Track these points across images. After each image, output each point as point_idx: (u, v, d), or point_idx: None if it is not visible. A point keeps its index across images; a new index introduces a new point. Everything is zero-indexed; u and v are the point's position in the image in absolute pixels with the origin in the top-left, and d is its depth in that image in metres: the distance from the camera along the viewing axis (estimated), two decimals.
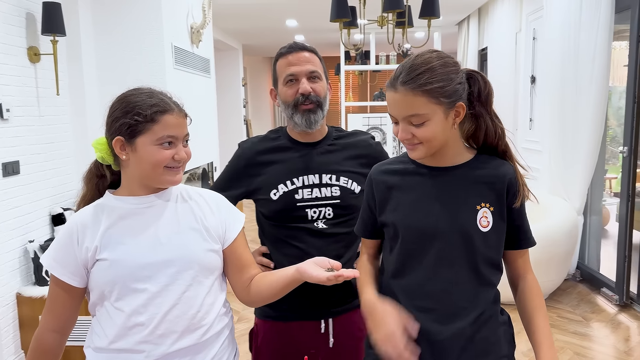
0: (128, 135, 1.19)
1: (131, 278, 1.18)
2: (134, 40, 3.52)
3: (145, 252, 1.20)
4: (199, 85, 4.34)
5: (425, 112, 1.13)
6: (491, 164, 1.24)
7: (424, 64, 1.13)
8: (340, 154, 1.57)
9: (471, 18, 6.73)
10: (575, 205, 3.89)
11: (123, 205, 1.24)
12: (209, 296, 1.25)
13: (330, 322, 1.54)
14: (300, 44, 1.53)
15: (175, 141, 1.21)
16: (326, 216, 1.52)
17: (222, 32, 7.29)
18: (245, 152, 1.58)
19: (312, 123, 1.50)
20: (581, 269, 4.13)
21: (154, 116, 1.18)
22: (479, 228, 1.19)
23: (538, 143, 4.68)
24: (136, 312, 1.18)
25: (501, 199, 1.21)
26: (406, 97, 1.13)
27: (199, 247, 1.24)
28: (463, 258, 1.19)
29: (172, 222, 1.24)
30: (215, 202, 1.33)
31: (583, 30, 3.69)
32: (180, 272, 1.21)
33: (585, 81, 3.69)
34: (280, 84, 1.52)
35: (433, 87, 1.12)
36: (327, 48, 9.42)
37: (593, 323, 3.37)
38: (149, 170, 1.20)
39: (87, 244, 1.20)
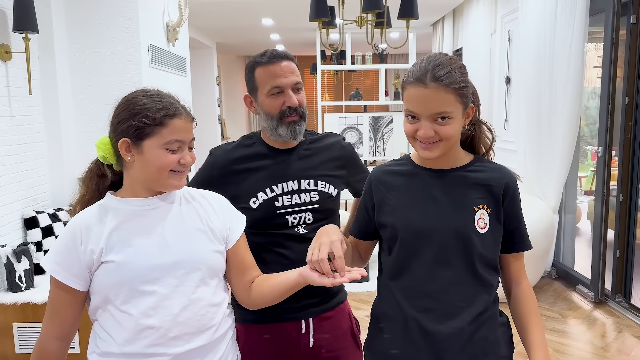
0: (135, 138, 1.18)
1: (139, 280, 1.17)
2: (108, 38, 3.43)
3: (153, 254, 1.19)
4: (175, 84, 4.26)
5: (452, 110, 1.15)
6: (489, 167, 1.26)
7: (448, 63, 1.16)
8: (316, 158, 1.57)
9: (446, 19, 6.79)
10: (550, 204, 3.95)
11: (127, 207, 1.22)
12: (216, 297, 1.26)
13: (311, 322, 1.54)
14: (281, 53, 1.48)
15: (182, 145, 1.20)
16: (306, 221, 1.52)
17: (196, 30, 7.19)
18: (219, 160, 1.55)
19: (297, 134, 1.50)
20: (557, 266, 4.22)
21: (163, 120, 1.17)
22: (476, 229, 1.20)
23: (513, 143, 4.75)
24: (145, 315, 1.17)
25: (498, 201, 1.22)
26: (438, 94, 1.13)
27: (206, 248, 1.25)
28: (461, 259, 1.20)
29: (177, 224, 1.23)
30: (219, 203, 1.33)
31: (558, 32, 3.75)
32: (188, 274, 1.20)
33: (561, 82, 3.76)
34: (262, 94, 1.49)
35: (460, 86, 1.15)
36: (302, 47, 9.39)
37: (570, 320, 3.44)
38: (154, 174, 1.19)
39: (92, 246, 1.17)
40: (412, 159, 1.30)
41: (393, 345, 1.24)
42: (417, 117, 1.17)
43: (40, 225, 3.07)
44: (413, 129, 1.18)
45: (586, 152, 6.70)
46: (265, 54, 1.48)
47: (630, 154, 3.52)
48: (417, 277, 1.21)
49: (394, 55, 9.94)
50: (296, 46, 9.31)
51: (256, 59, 1.49)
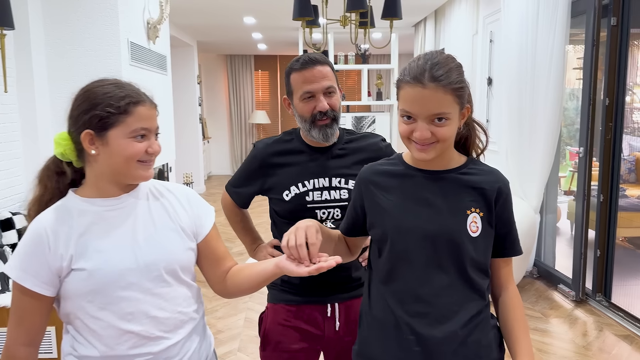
0: (99, 129, 1.13)
1: (114, 286, 1.13)
2: (87, 34, 3.36)
3: (126, 258, 1.15)
4: (156, 82, 4.19)
5: (450, 110, 1.13)
6: (482, 170, 1.24)
7: (446, 62, 1.13)
8: (350, 158, 1.63)
9: (428, 20, 6.82)
10: (532, 204, 3.98)
11: (92, 207, 1.17)
12: (189, 291, 1.26)
13: (337, 307, 1.61)
14: (314, 57, 1.55)
15: (148, 134, 1.17)
16: (334, 217, 1.59)
17: (177, 28, 7.09)
18: (260, 152, 1.64)
19: (329, 137, 1.57)
20: (538, 266, 4.25)
21: (127, 108, 1.13)
22: (468, 233, 1.17)
23: (495, 144, 4.78)
24: (124, 320, 1.14)
25: (490, 205, 1.20)
26: (437, 94, 1.10)
27: (179, 247, 1.23)
28: (453, 263, 1.18)
29: (147, 223, 1.20)
30: (186, 197, 1.30)
31: (540, 34, 3.78)
32: (163, 275, 1.19)
33: (542, 83, 3.79)
34: (296, 98, 1.57)
35: (458, 87, 1.12)
36: (284, 46, 9.33)
37: (552, 319, 3.47)
38: (121, 165, 1.14)
39: (62, 251, 1.12)
40: (404, 159, 1.28)
41: (386, 351, 1.21)
42: (413, 117, 1.14)
43: (16, 227, 2.98)
44: (409, 130, 1.14)
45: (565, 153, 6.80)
46: (299, 60, 1.56)
47: (610, 154, 3.56)
48: (409, 280, 1.19)
49: (376, 56, 9.95)
50: (279, 45, 9.25)
51: (291, 64, 1.58)
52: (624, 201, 4.60)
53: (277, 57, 10.49)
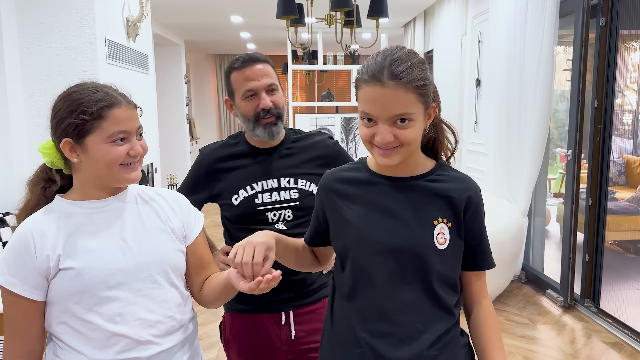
0: (76, 136, 1.12)
1: (102, 286, 1.11)
2: (62, 32, 3.24)
3: (115, 257, 1.13)
4: (136, 82, 4.08)
5: (413, 111, 1.03)
6: (451, 177, 1.14)
7: (407, 58, 1.03)
8: (298, 157, 1.60)
9: (417, 20, 6.75)
10: (520, 207, 3.91)
11: (79, 210, 1.16)
12: (182, 298, 1.23)
13: (291, 315, 1.58)
14: (254, 56, 1.52)
15: (128, 136, 1.14)
16: (286, 218, 1.57)
17: (163, 27, 6.98)
18: (205, 158, 1.62)
19: (274, 135, 1.54)
20: (526, 270, 4.18)
21: (101, 112, 1.11)
22: (435, 245, 1.08)
23: (483, 145, 4.72)
24: (112, 322, 1.12)
25: (459, 215, 1.11)
26: (397, 93, 1.00)
27: (169, 248, 1.21)
28: (417, 277, 1.09)
29: (136, 225, 1.19)
30: (176, 201, 1.29)
31: (528, 34, 3.72)
32: (153, 276, 1.17)
33: (531, 84, 3.72)
34: (238, 98, 1.54)
35: (421, 84, 1.02)
36: (273, 46, 9.24)
37: (539, 325, 3.40)
38: (104, 171, 1.13)
39: (48, 252, 1.10)
40: (367, 165, 1.18)
41: None
42: (373, 119, 1.04)
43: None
44: (369, 134, 1.05)
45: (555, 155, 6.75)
46: (239, 59, 1.53)
47: (599, 157, 3.49)
48: (372, 297, 1.10)
49: (366, 56, 9.88)
50: (267, 45, 9.15)
51: (231, 64, 1.55)
52: (613, 204, 4.53)
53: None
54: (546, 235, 5.01)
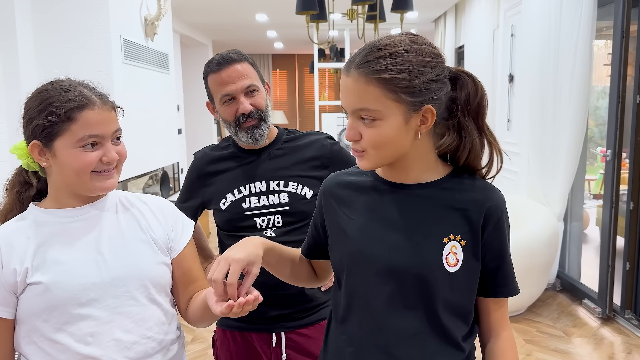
0: (45, 139, 1.03)
1: (73, 302, 1.02)
2: (77, 32, 3.20)
3: (88, 271, 1.04)
4: (155, 81, 4.03)
5: (376, 107, 0.88)
6: (469, 186, 0.96)
7: (389, 46, 0.88)
8: (289, 158, 1.49)
9: (448, 14, 6.52)
10: (555, 211, 3.68)
11: (53, 218, 1.07)
12: (164, 315, 1.12)
13: (283, 336, 1.47)
14: (228, 56, 1.42)
15: (100, 140, 1.04)
16: (275, 224, 1.46)
17: (189, 26, 6.95)
18: (197, 162, 1.55)
19: (258, 138, 1.45)
20: (561, 278, 3.93)
21: (70, 114, 1.01)
22: (444, 266, 0.92)
23: (516, 145, 4.48)
24: (83, 343, 1.02)
25: (476, 232, 0.94)
26: (357, 85, 0.88)
27: (150, 260, 1.10)
28: (420, 304, 0.93)
29: (115, 235, 1.09)
30: (160, 209, 1.18)
31: (564, 26, 3.48)
32: (130, 292, 1.06)
33: (566, 80, 3.49)
34: (217, 102, 1.45)
35: (393, 77, 0.86)
36: (301, 45, 9.13)
37: (575, 338, 3.16)
38: (73, 178, 1.04)
39: (15, 265, 1.02)
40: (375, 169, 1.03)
41: None
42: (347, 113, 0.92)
43: None
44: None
45: (596, 155, 6.42)
46: (213, 61, 1.43)
47: None
48: (366, 324, 0.96)
49: None
50: (295, 44, 9.05)
51: (206, 67, 1.45)
52: None
53: (295, 56, 10.32)
54: (584, 240, 4.72)
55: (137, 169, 3.73)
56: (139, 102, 3.68)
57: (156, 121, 4.07)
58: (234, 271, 0.92)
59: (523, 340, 3.12)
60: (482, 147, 0.96)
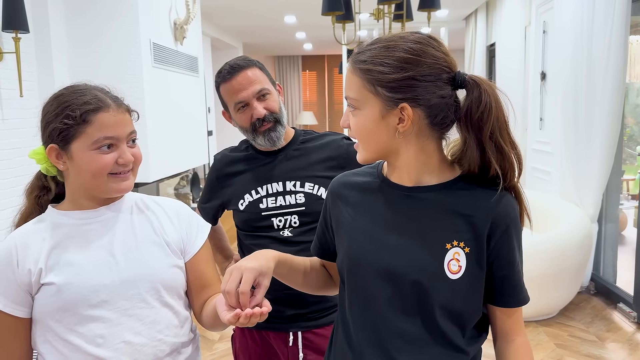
0: (62, 142, 1.05)
1: (84, 304, 1.03)
2: (108, 36, 3.28)
3: (100, 272, 1.05)
4: (185, 84, 4.09)
5: (356, 97, 0.91)
6: (476, 191, 0.93)
7: (387, 40, 0.89)
8: (305, 158, 1.51)
9: (479, 12, 6.42)
10: (589, 212, 3.58)
11: (69, 220, 1.09)
12: (176, 318, 1.12)
13: (300, 336, 1.48)
14: (236, 64, 1.45)
15: (116, 142, 1.06)
16: (292, 224, 1.48)
17: (219, 30, 7.05)
18: (216, 163, 1.58)
19: (275, 141, 1.47)
20: (595, 281, 3.82)
21: (85, 117, 1.03)
22: (445, 273, 0.89)
23: (549, 144, 4.37)
24: (94, 344, 1.03)
25: (481, 239, 0.91)
26: (348, 73, 0.94)
27: (162, 262, 1.11)
28: (417, 309, 0.91)
29: (128, 237, 1.10)
30: (175, 211, 1.19)
31: (597, 22, 3.38)
32: (141, 294, 1.07)
33: (600, 77, 3.39)
34: (231, 110, 1.48)
35: (370, 69, 0.88)
36: (330, 45, 9.14)
37: (609, 344, 3.06)
38: (90, 180, 1.06)
39: (30, 265, 1.04)
40: (381, 169, 1.02)
41: None
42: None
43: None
44: None
45: (635, 155, 6.22)
46: (222, 71, 1.46)
47: None
48: (367, 326, 0.95)
49: None
50: (324, 44, 9.07)
51: (216, 77, 1.48)
52: None
53: (325, 56, 10.33)
54: (621, 242, 4.57)
55: (168, 170, 3.80)
56: (169, 105, 3.75)
57: (186, 123, 4.14)
58: (246, 280, 0.92)
59: (554, 345, 3.05)
60: (482, 158, 0.91)
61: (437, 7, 3.59)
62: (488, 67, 6.47)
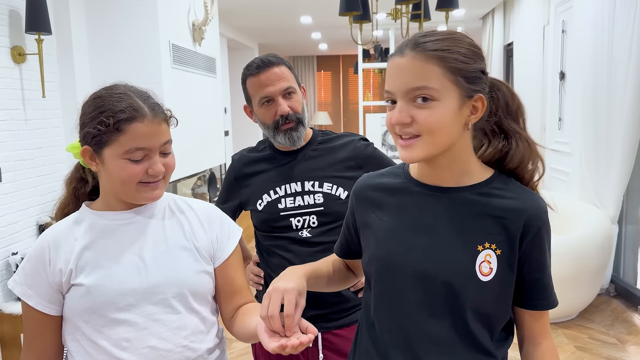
0: (95, 145, 1.05)
1: (111, 307, 1.03)
2: (128, 38, 3.33)
3: (128, 276, 1.05)
4: (203, 85, 4.13)
5: (436, 86, 0.85)
6: (508, 193, 0.92)
7: (446, 33, 0.88)
8: (324, 159, 1.52)
9: (496, 11, 6.37)
10: (609, 213, 3.53)
11: (101, 221, 1.09)
12: (203, 324, 1.11)
13: (319, 336, 1.48)
14: (267, 60, 1.46)
15: (148, 153, 1.04)
16: (310, 224, 1.48)
17: (236, 30, 7.08)
18: (235, 164, 1.59)
19: (295, 140, 1.47)
20: (616, 283, 3.77)
21: (119, 125, 1.01)
22: (477, 275, 0.89)
23: (568, 145, 4.33)
24: (119, 347, 1.03)
25: (513, 241, 0.90)
26: (415, 62, 0.85)
27: (191, 268, 1.10)
28: (447, 312, 0.90)
29: (158, 241, 1.09)
30: (207, 215, 1.18)
31: (617, 21, 3.34)
32: (169, 299, 1.06)
33: (621, 77, 3.34)
34: (255, 105, 1.48)
35: (453, 57, 0.85)
36: (345, 45, 9.13)
37: (629, 346, 3.03)
38: (119, 186, 1.05)
39: (61, 265, 1.05)
40: (408, 170, 1.01)
41: None
42: (393, 100, 0.88)
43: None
44: (389, 117, 0.88)
45: None
46: (252, 65, 1.47)
47: None
48: (394, 328, 0.94)
49: None
50: (339, 44, 9.06)
51: (245, 70, 1.48)
52: None
53: (340, 57, 10.32)
54: None
55: (185, 170, 3.83)
56: (187, 106, 3.79)
57: (204, 124, 4.18)
58: (290, 302, 0.88)
59: (574, 347, 3.02)
60: (531, 152, 0.94)
61: (455, 6, 3.58)
62: (505, 66, 6.42)
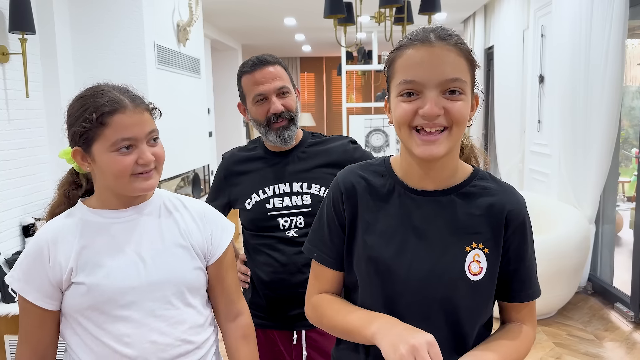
0: (84, 144, 1.06)
1: (113, 305, 1.06)
2: (113, 38, 3.31)
3: (128, 275, 1.07)
4: (187, 86, 4.13)
5: (466, 79, 0.85)
6: (489, 190, 0.94)
7: (446, 29, 0.89)
8: (313, 161, 1.54)
9: (477, 15, 6.47)
10: (586, 213, 3.63)
11: (98, 219, 1.11)
12: (199, 317, 1.16)
13: (303, 335, 1.51)
14: (263, 58, 1.49)
15: (135, 143, 1.05)
16: (298, 225, 1.50)
17: (219, 31, 7.07)
18: (225, 162, 1.60)
19: (286, 139, 1.49)
20: (593, 281, 3.87)
21: (102, 119, 1.03)
22: (467, 276, 0.90)
23: (547, 146, 4.42)
24: (121, 343, 1.06)
25: (498, 238, 0.92)
26: (449, 54, 0.84)
27: (187, 266, 1.13)
28: (441, 315, 0.91)
29: (155, 239, 1.12)
30: (201, 214, 1.20)
31: (595, 26, 3.43)
32: (167, 296, 1.10)
33: (598, 80, 3.44)
34: (249, 102, 1.51)
35: (471, 53, 0.87)
36: (329, 47, 9.18)
37: (606, 342, 3.11)
38: (113, 181, 1.07)
39: (61, 263, 1.07)
40: (392, 167, 0.98)
41: None
42: (417, 91, 0.85)
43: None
44: (411, 110, 0.84)
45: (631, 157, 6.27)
46: (248, 62, 1.49)
47: None
48: None
49: None
50: (323, 47, 9.11)
51: (241, 68, 1.51)
52: None
53: (323, 58, 10.37)
54: (617, 243, 4.63)
55: (169, 171, 3.83)
56: (171, 106, 3.78)
57: (188, 124, 4.17)
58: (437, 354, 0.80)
59: (553, 344, 3.09)
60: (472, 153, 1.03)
61: (437, 10, 3.64)
62: (486, 69, 6.53)
